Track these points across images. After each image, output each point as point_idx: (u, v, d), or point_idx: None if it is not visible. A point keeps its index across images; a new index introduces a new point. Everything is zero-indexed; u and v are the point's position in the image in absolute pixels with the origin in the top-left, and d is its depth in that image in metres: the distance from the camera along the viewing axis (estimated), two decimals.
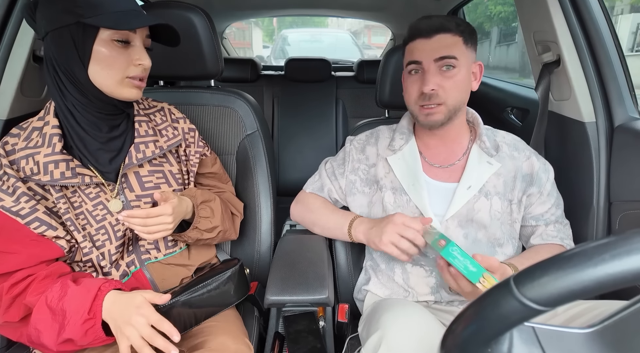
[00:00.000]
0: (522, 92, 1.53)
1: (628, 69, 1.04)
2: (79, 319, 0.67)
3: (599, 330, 0.37)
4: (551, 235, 0.92)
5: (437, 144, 0.93)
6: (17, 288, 0.70)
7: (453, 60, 0.82)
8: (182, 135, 0.91)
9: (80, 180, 0.75)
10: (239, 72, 2.39)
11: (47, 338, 0.68)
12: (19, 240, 0.72)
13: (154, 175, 0.85)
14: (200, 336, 0.82)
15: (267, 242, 1.12)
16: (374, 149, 0.99)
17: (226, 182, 1.05)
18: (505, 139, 0.94)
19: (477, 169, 0.88)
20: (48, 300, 0.69)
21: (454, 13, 2.12)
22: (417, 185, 0.90)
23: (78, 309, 0.68)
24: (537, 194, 0.90)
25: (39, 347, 0.72)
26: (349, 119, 2.35)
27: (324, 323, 0.95)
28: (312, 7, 2.70)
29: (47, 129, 0.75)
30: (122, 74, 0.73)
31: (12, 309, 0.71)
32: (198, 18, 1.03)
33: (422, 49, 0.84)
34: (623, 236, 0.32)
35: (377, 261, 0.98)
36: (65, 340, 0.68)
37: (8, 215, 0.72)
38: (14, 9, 0.92)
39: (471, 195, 0.87)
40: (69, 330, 0.67)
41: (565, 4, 1.01)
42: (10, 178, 0.72)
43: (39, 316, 0.69)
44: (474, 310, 0.37)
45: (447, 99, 0.83)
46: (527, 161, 0.90)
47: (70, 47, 0.70)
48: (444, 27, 0.82)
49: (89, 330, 0.68)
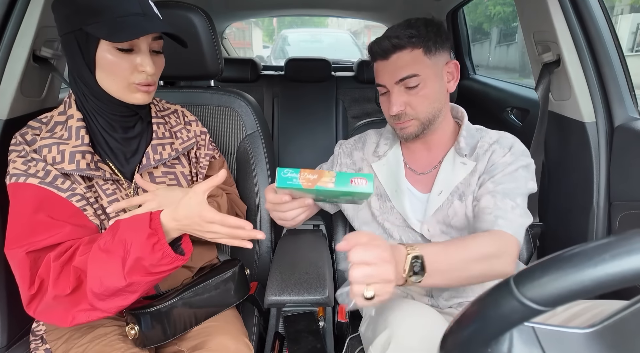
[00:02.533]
0: (522, 92, 1.53)
1: (628, 69, 1.04)
2: (143, 235, 0.64)
3: (599, 330, 0.37)
4: (485, 211, 0.77)
5: (420, 149, 0.92)
6: (64, 255, 0.69)
7: (415, 78, 0.79)
8: (194, 138, 0.92)
9: (102, 174, 0.76)
10: (239, 72, 2.39)
11: (111, 276, 0.65)
12: (62, 213, 0.72)
13: (167, 176, 0.86)
14: (201, 336, 0.82)
15: (267, 242, 1.12)
16: (360, 153, 0.98)
17: (231, 185, 1.05)
18: (491, 138, 0.87)
19: (450, 173, 0.86)
20: (101, 245, 0.66)
21: (454, 13, 2.13)
22: (400, 192, 0.89)
23: (137, 231, 0.65)
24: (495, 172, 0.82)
25: (104, 301, 0.67)
26: (349, 119, 2.35)
27: (324, 323, 0.96)
28: (312, 7, 2.70)
29: (72, 122, 0.75)
30: (126, 80, 0.73)
31: (62, 278, 0.68)
32: (198, 18, 1.03)
33: (383, 71, 0.83)
34: (623, 236, 0.32)
35: None
36: (134, 264, 0.64)
37: (50, 189, 0.72)
38: (14, 9, 0.92)
39: (442, 200, 0.85)
40: (134, 251, 0.64)
41: (565, 4, 1.01)
42: (38, 162, 0.73)
43: (96, 261, 0.66)
44: (474, 310, 0.37)
45: (417, 115, 0.82)
46: (505, 157, 0.83)
47: (77, 53, 0.71)
48: (397, 46, 0.79)
49: (155, 245, 0.64)
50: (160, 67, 0.78)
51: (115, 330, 0.80)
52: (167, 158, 0.84)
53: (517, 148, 0.85)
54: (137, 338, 0.77)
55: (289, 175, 0.65)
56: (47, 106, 1.04)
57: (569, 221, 1.12)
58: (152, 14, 0.73)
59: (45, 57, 0.98)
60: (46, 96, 1.04)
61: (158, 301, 0.78)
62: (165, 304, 0.78)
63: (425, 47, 0.80)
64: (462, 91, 1.69)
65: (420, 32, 0.80)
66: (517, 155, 0.83)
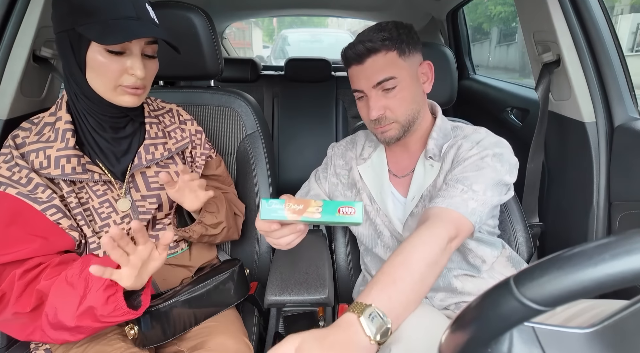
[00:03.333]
0: (522, 92, 1.53)
1: (628, 69, 1.04)
2: (102, 285, 0.65)
3: (599, 330, 0.37)
4: (438, 196, 0.75)
5: (400, 151, 0.92)
6: (30, 274, 0.69)
7: (392, 80, 0.79)
8: (189, 137, 0.92)
9: (90, 176, 0.76)
10: (239, 72, 2.39)
11: (65, 311, 0.66)
12: (34, 226, 0.72)
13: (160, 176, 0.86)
14: (200, 336, 0.82)
15: (267, 242, 1.11)
16: (351, 153, 0.99)
17: (229, 185, 1.05)
18: (464, 133, 0.85)
19: (422, 176, 0.86)
20: (68, 276, 0.67)
21: (454, 13, 2.13)
22: (384, 194, 0.90)
23: (100, 278, 0.65)
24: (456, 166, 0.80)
25: (54, 330, 0.68)
26: (349, 119, 2.35)
27: (324, 323, 0.95)
28: (312, 7, 2.70)
29: (60, 125, 0.75)
30: (114, 82, 0.73)
31: (24, 297, 0.69)
32: (198, 18, 1.03)
33: (359, 76, 0.82)
34: (623, 236, 0.32)
35: (368, 266, 0.99)
36: (85, 310, 0.66)
37: (25, 201, 0.71)
38: (14, 9, 0.92)
39: (414, 205, 0.86)
40: (90, 298, 0.65)
41: (565, 4, 1.01)
42: (22, 169, 0.73)
43: (58, 291, 0.67)
44: (474, 310, 0.37)
45: (397, 117, 0.82)
46: (471, 151, 0.80)
47: (69, 52, 0.71)
48: (372, 49, 0.79)
49: (110, 297, 0.66)
50: (153, 71, 0.77)
51: (115, 330, 0.80)
52: (160, 158, 0.84)
53: (488, 140, 0.81)
54: (136, 338, 0.77)
55: (274, 206, 0.63)
56: (47, 106, 1.04)
57: (569, 221, 1.12)
58: (147, 18, 0.73)
59: (45, 57, 0.98)
60: (46, 96, 1.04)
61: (158, 301, 0.78)
62: (165, 304, 0.78)
63: (399, 49, 0.80)
64: (462, 91, 1.69)
65: (392, 34, 0.79)
66: (485, 146, 0.79)
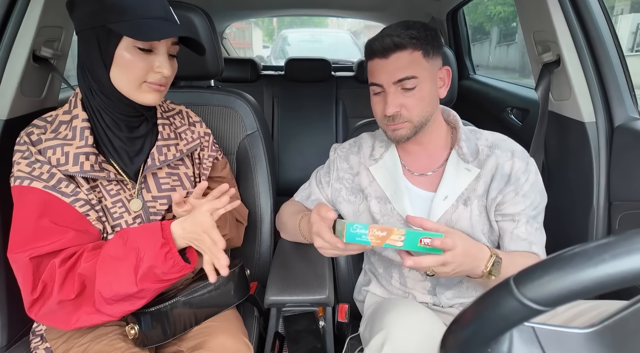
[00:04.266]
0: (522, 92, 1.54)
1: (628, 69, 1.04)
2: (156, 244, 0.68)
3: (599, 330, 0.37)
4: (520, 237, 0.85)
5: (416, 151, 0.91)
6: (69, 262, 0.70)
7: (413, 80, 0.79)
8: (199, 139, 0.92)
9: (106, 175, 0.77)
10: (239, 72, 2.39)
11: (122, 282, 0.68)
12: (65, 218, 0.73)
13: (171, 177, 0.86)
14: (201, 336, 0.82)
15: (267, 242, 1.12)
16: (357, 157, 0.97)
17: (233, 187, 1.04)
18: (487, 140, 0.89)
19: (454, 177, 0.86)
20: (110, 252, 0.69)
21: (454, 13, 2.12)
22: (399, 192, 0.89)
23: (150, 240, 0.69)
24: (511, 194, 0.85)
25: (110, 305, 0.70)
26: (349, 119, 2.35)
27: (324, 323, 0.95)
28: (312, 7, 2.71)
29: (77, 123, 0.76)
30: (141, 79, 0.74)
31: (67, 283, 0.69)
32: (198, 18, 1.03)
33: (381, 71, 0.81)
34: (623, 236, 0.32)
35: (375, 265, 0.98)
36: (146, 272, 0.68)
37: (53, 194, 0.72)
38: (14, 9, 0.92)
39: (448, 205, 0.85)
40: (147, 258, 0.68)
41: (565, 4, 1.01)
42: (43, 164, 0.73)
43: (105, 268, 0.69)
44: (474, 310, 0.37)
45: (411, 117, 0.82)
46: (509, 162, 0.85)
47: (95, 49, 0.72)
48: (399, 45, 0.79)
49: (167, 254, 0.68)
50: (175, 71, 0.79)
51: (116, 330, 0.80)
52: (172, 159, 0.84)
53: (518, 150, 0.87)
54: (137, 338, 0.77)
55: (358, 231, 0.66)
56: (47, 106, 1.04)
57: (569, 221, 1.12)
58: (173, 19, 0.75)
59: (45, 57, 0.98)
60: (46, 96, 1.04)
61: (158, 301, 0.78)
62: (165, 304, 0.78)
63: (424, 49, 0.80)
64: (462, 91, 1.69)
65: (420, 34, 0.80)
66: (524, 158, 0.86)
